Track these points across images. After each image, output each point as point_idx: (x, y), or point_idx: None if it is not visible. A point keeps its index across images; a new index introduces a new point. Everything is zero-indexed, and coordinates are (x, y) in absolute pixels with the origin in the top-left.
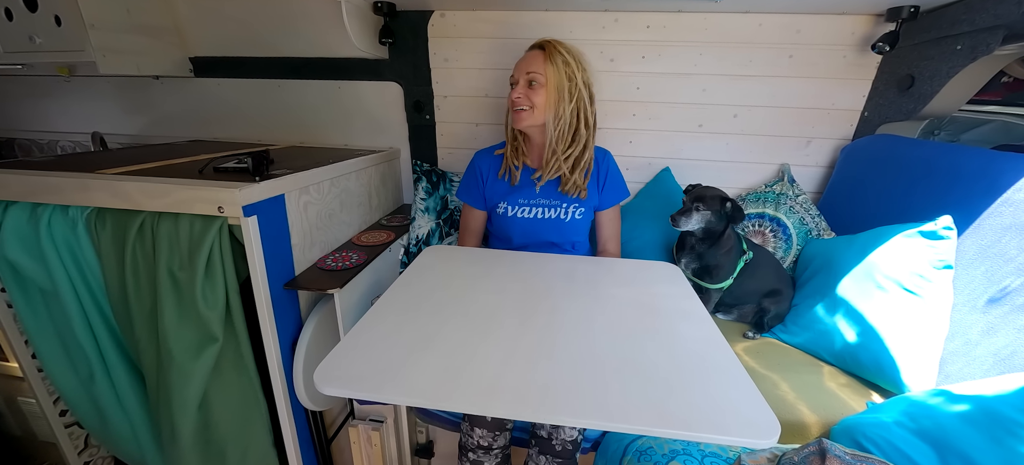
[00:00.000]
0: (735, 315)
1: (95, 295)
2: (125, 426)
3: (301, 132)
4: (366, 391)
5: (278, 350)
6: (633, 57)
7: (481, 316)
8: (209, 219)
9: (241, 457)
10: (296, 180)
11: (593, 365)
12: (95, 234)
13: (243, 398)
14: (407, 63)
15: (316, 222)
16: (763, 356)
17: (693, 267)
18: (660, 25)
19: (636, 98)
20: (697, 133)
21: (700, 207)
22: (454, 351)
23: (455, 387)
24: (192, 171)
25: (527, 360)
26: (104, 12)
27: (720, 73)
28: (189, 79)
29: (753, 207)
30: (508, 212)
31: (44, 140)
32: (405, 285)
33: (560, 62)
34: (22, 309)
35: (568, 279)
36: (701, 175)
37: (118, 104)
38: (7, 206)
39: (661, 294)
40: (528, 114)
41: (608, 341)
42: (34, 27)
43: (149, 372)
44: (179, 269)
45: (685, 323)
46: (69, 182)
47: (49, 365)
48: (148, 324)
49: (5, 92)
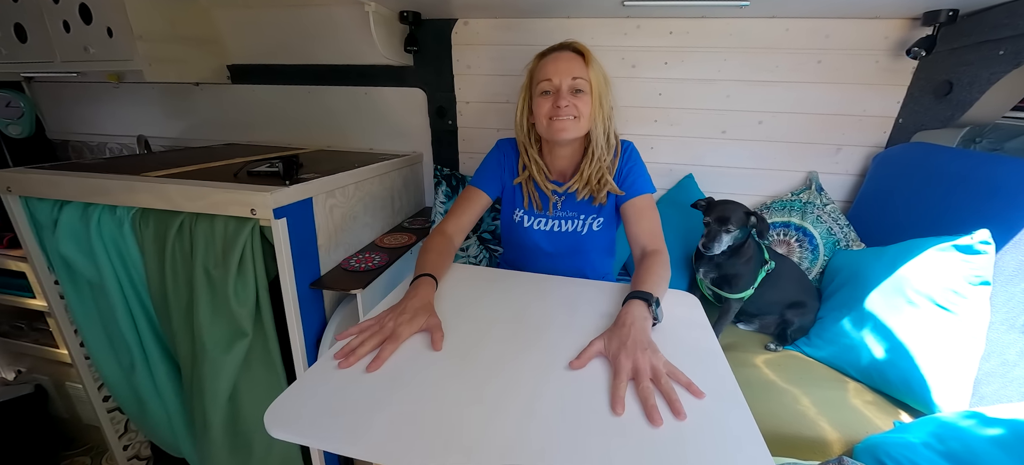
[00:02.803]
0: (756, 325)
1: (138, 290)
2: (162, 414)
3: (328, 136)
4: (320, 439)
5: (303, 347)
6: (655, 63)
7: (462, 351)
8: (242, 221)
9: (266, 449)
10: (323, 184)
11: (582, 425)
12: (139, 232)
13: (270, 392)
14: (431, 70)
15: (341, 224)
16: (785, 369)
17: (712, 277)
18: (683, 31)
19: (658, 104)
20: (720, 139)
21: (730, 228)
22: (423, 395)
23: (415, 441)
24: (227, 174)
25: (505, 414)
26: (151, 24)
27: (745, 79)
28: (226, 85)
29: (778, 216)
30: (525, 222)
31: (94, 142)
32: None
33: (597, 67)
34: (73, 300)
35: (570, 309)
36: (724, 182)
37: (161, 109)
38: (62, 205)
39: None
40: (574, 124)
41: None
42: (88, 38)
43: (184, 363)
44: (214, 267)
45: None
46: (117, 184)
47: (95, 353)
48: (184, 318)
49: (60, 97)
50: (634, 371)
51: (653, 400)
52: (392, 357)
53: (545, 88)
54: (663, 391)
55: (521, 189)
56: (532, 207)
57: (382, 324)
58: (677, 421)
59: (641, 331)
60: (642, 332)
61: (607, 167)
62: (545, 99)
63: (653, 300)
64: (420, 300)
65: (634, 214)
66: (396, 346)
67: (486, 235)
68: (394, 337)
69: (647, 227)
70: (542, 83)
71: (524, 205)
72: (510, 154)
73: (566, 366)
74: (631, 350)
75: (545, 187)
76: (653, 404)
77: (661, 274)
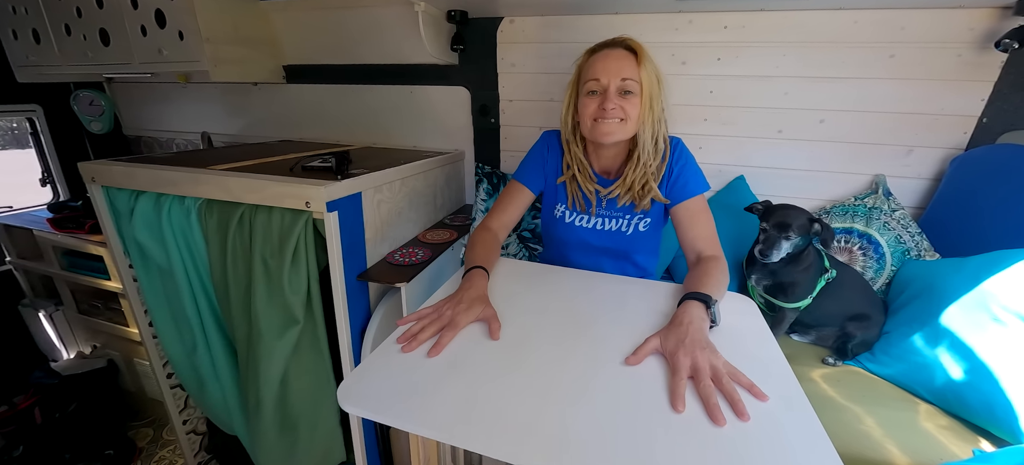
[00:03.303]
0: (813, 337)
1: (201, 275)
2: (218, 393)
3: (374, 134)
4: (388, 416)
5: (349, 336)
6: (707, 59)
7: (516, 341)
8: (297, 213)
9: (311, 432)
10: (372, 179)
11: (640, 418)
12: (204, 222)
13: (316, 378)
14: (475, 68)
15: (387, 219)
16: (845, 385)
17: (766, 284)
18: (739, 25)
19: (709, 102)
20: (776, 139)
21: (790, 235)
22: (482, 380)
23: (478, 425)
24: (283, 169)
25: (563, 402)
26: (217, 27)
27: (805, 75)
28: (282, 85)
29: (839, 222)
30: (566, 218)
31: (164, 138)
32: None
33: (651, 67)
34: (144, 283)
35: (619, 305)
36: (779, 184)
37: (223, 107)
38: (138, 195)
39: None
40: (620, 126)
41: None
42: (162, 41)
43: (240, 346)
44: (270, 257)
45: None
46: (185, 176)
47: (162, 333)
48: (242, 304)
49: (134, 96)
50: (693, 369)
51: (715, 399)
52: (450, 344)
53: (592, 87)
54: (725, 391)
55: (565, 187)
56: (578, 205)
57: (440, 312)
58: (741, 422)
59: (699, 331)
60: (700, 332)
61: (653, 173)
62: (592, 99)
63: (711, 302)
64: (475, 291)
65: (687, 218)
66: (455, 333)
67: (526, 233)
68: (453, 325)
69: (702, 231)
70: (590, 82)
71: (567, 202)
72: (554, 147)
73: (620, 361)
74: (689, 348)
75: (587, 188)
76: (715, 403)
77: (719, 278)
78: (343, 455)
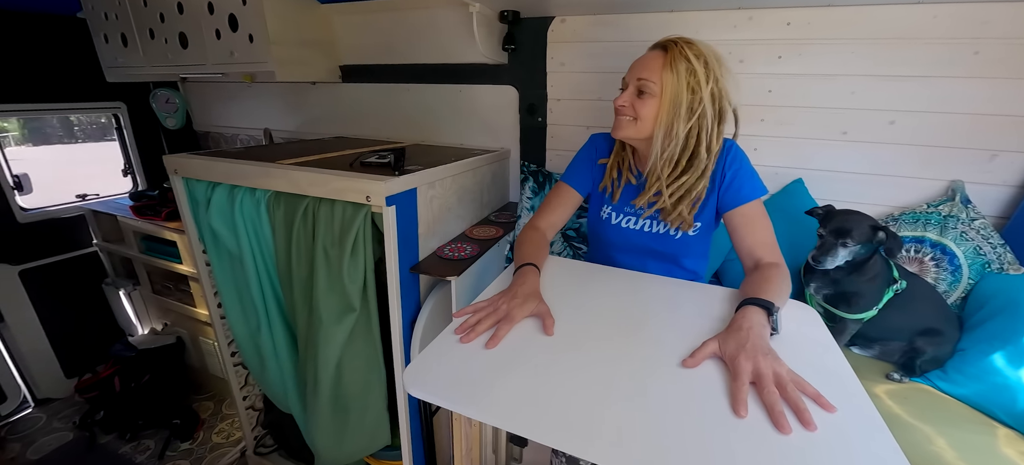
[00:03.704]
0: (876, 351)
1: (267, 263)
2: (277, 373)
3: (422, 131)
4: (452, 401)
5: (401, 325)
6: (767, 57)
7: (570, 338)
8: (358, 206)
9: (361, 415)
10: (426, 175)
11: (702, 421)
12: (272, 213)
13: (368, 364)
14: (524, 68)
15: (438, 214)
16: (912, 403)
17: (826, 293)
18: (803, 21)
19: (766, 102)
20: (839, 141)
21: (848, 242)
22: (541, 374)
23: (542, 416)
24: (343, 164)
25: (622, 400)
26: (283, 30)
27: (875, 74)
28: (337, 84)
29: (909, 229)
30: (613, 219)
31: (229, 133)
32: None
33: (682, 69)
34: (216, 267)
35: (671, 307)
36: (841, 188)
37: (283, 105)
38: (214, 187)
39: (793, 342)
40: (630, 124)
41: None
42: (234, 44)
43: (300, 331)
44: (331, 247)
45: (823, 386)
46: (257, 170)
47: (229, 314)
48: (304, 291)
49: (205, 95)
50: (755, 375)
51: (780, 407)
52: (506, 337)
53: (621, 85)
54: (790, 399)
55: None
56: (621, 204)
57: (496, 306)
58: (807, 432)
59: (760, 336)
60: (761, 338)
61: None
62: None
63: (773, 308)
64: (529, 287)
65: (743, 223)
66: (511, 327)
67: (570, 232)
68: (508, 318)
69: (760, 238)
70: (624, 79)
71: (614, 201)
72: (602, 150)
73: (676, 363)
74: (751, 353)
75: (626, 175)
76: (780, 411)
77: (781, 285)
78: (388, 439)
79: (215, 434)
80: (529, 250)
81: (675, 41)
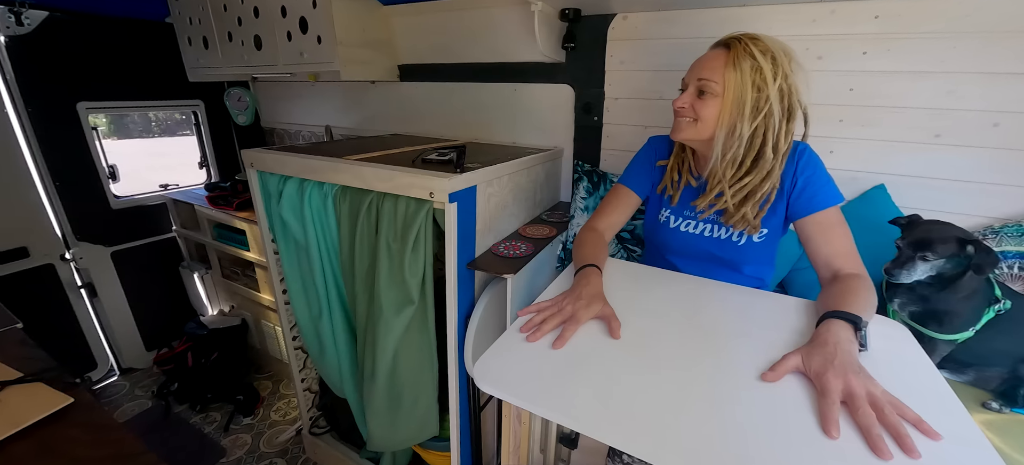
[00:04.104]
0: (971, 377)
1: (331, 254)
2: (334, 359)
3: (476, 129)
4: (522, 398)
5: (456, 320)
6: (850, 53)
7: (638, 342)
8: (421, 202)
9: (413, 403)
10: (486, 173)
11: (787, 439)
12: (338, 206)
13: (422, 355)
14: (582, 66)
15: (495, 212)
16: (1012, 436)
17: (912, 310)
18: (894, 13)
19: (847, 102)
20: (931, 145)
21: (928, 256)
22: (611, 377)
23: (617, 420)
24: (405, 161)
25: (698, 410)
26: (349, 31)
27: (980, 71)
28: (395, 83)
29: (1012, 244)
30: (671, 222)
31: (292, 130)
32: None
33: (747, 67)
34: (284, 256)
35: (744, 317)
36: (930, 197)
37: (343, 103)
38: (286, 180)
39: (883, 360)
40: (689, 125)
41: (804, 410)
42: (304, 45)
43: (359, 320)
44: (393, 241)
45: (923, 410)
46: (326, 165)
47: (294, 300)
48: (365, 282)
49: (273, 94)
50: (846, 394)
51: (877, 430)
52: (572, 338)
53: (681, 86)
54: (888, 423)
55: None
56: (680, 207)
57: (560, 306)
58: (909, 459)
59: (848, 353)
60: (850, 355)
61: (743, 189)
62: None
63: (861, 323)
64: (593, 288)
65: (818, 231)
66: (577, 328)
67: (624, 234)
68: (574, 320)
69: (839, 247)
70: (683, 79)
71: (672, 204)
72: (661, 152)
73: (753, 375)
74: (840, 371)
75: (686, 176)
76: (878, 434)
77: (867, 298)
78: (437, 429)
79: (273, 412)
80: (590, 251)
81: (738, 38)
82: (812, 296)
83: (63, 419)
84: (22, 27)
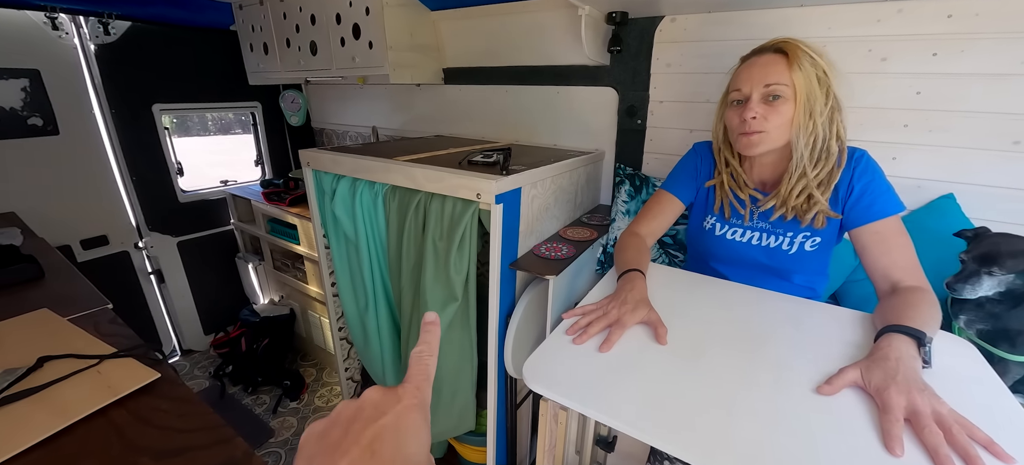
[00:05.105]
0: None
1: (379, 250)
2: (378, 351)
3: (518, 131)
4: (572, 400)
5: (498, 319)
6: (918, 54)
7: (685, 349)
8: (467, 203)
9: (451, 398)
10: (530, 176)
11: (849, 455)
12: (388, 205)
13: (462, 351)
14: (627, 69)
15: (537, 214)
16: None
17: (981, 327)
18: (970, 13)
19: (913, 106)
20: (1009, 152)
21: (994, 271)
22: (659, 382)
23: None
24: (452, 162)
25: (752, 421)
26: (398, 36)
27: None
28: (440, 86)
29: None
30: (717, 230)
31: (340, 130)
32: (602, 294)
33: (807, 63)
34: (334, 251)
35: (796, 328)
36: (1006, 208)
37: (389, 105)
38: (339, 178)
39: (949, 379)
40: (764, 138)
41: (865, 426)
42: (356, 50)
43: (404, 315)
44: (440, 239)
45: (993, 432)
46: (378, 165)
47: (342, 293)
48: (411, 278)
49: (323, 95)
50: (910, 411)
51: (945, 450)
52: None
53: (735, 97)
54: (956, 443)
55: (714, 193)
56: (724, 214)
57: (606, 310)
58: None
59: (912, 369)
60: (913, 371)
61: (819, 183)
62: (735, 111)
63: (925, 338)
64: (638, 293)
65: (876, 241)
66: (622, 332)
67: (667, 240)
68: (620, 324)
69: (899, 258)
70: (733, 92)
71: (715, 210)
72: (706, 158)
73: (809, 387)
74: (903, 387)
75: (742, 195)
76: (946, 454)
77: (930, 312)
78: (473, 424)
79: (317, 398)
80: (633, 256)
81: (786, 41)
82: (868, 309)
83: (151, 392)
84: (109, 36)
